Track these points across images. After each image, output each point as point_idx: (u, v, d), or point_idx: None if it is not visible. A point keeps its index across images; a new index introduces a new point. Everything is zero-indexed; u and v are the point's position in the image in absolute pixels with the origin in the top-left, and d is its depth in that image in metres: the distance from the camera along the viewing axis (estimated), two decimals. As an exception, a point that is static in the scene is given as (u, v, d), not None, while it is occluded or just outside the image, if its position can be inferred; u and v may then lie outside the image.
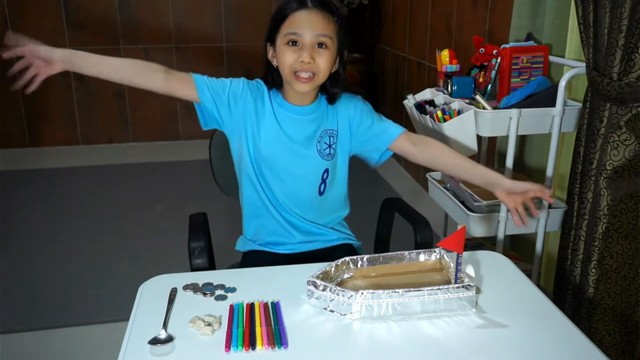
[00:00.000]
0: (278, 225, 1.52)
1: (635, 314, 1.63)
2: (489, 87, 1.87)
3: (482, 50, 1.89)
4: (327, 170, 1.50)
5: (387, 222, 1.71)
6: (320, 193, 1.51)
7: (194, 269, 1.40)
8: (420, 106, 1.91)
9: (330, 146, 1.49)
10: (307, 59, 1.35)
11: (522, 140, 2.12)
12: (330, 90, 1.48)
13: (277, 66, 1.43)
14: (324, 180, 1.51)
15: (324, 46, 1.38)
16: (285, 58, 1.38)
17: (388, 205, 1.71)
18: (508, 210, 1.77)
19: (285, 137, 1.45)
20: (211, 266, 1.48)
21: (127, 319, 1.04)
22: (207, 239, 1.50)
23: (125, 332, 1.00)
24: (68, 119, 4.33)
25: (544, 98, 1.74)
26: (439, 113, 1.79)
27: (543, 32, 1.98)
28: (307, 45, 1.36)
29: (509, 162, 1.77)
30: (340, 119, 1.50)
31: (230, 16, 4.38)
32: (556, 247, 1.89)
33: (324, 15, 1.38)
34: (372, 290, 1.02)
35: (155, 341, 0.95)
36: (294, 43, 1.37)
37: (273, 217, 1.51)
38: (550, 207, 1.83)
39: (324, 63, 1.38)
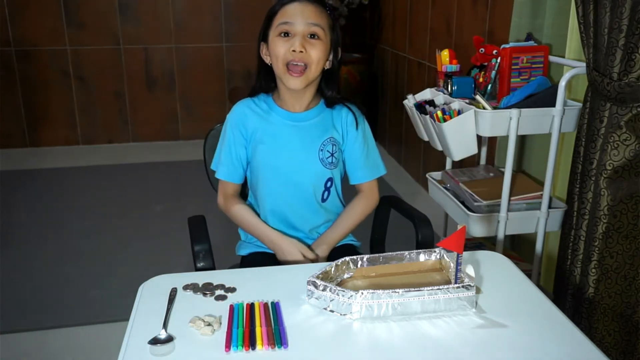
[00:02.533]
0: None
1: (635, 314, 1.63)
2: (489, 87, 1.87)
3: (482, 50, 1.89)
4: (331, 179, 1.50)
5: (382, 220, 1.70)
6: (323, 200, 1.52)
7: (198, 271, 1.40)
8: (420, 106, 1.91)
9: (332, 155, 1.48)
10: (298, 47, 1.35)
11: (522, 140, 2.12)
12: (326, 93, 1.48)
13: (270, 63, 1.43)
14: (327, 189, 1.51)
15: (316, 37, 1.38)
16: (277, 49, 1.38)
17: (384, 203, 1.69)
18: (509, 210, 1.79)
19: (281, 146, 1.45)
20: (212, 268, 1.47)
21: (127, 319, 1.04)
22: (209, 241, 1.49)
23: (125, 332, 1.00)
24: (68, 119, 4.33)
25: (544, 98, 1.74)
26: (439, 113, 1.79)
27: (543, 32, 1.98)
28: (298, 34, 1.37)
29: (509, 162, 1.77)
30: (342, 130, 1.50)
31: (230, 16, 4.38)
32: (556, 247, 1.89)
33: (315, 7, 1.39)
34: (372, 290, 1.02)
35: (155, 341, 0.95)
36: (286, 34, 1.38)
37: (276, 225, 1.51)
38: (550, 207, 1.83)
39: (316, 53, 1.37)
